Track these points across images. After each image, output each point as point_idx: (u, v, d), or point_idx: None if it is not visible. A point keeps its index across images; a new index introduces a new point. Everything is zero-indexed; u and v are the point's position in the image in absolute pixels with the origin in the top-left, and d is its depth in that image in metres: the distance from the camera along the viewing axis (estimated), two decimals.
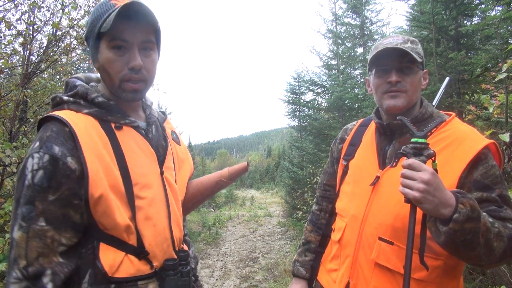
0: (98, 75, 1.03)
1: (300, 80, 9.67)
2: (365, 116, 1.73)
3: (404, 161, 0.92)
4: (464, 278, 2.57)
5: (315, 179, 7.20)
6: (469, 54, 3.23)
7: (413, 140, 0.94)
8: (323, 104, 8.66)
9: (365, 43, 7.68)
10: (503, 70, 2.14)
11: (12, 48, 3.60)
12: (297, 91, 9.86)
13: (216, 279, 5.13)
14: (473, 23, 3.40)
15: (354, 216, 1.16)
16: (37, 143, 0.81)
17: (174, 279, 0.92)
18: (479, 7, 3.21)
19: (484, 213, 0.92)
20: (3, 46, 3.53)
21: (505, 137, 2.00)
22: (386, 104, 1.13)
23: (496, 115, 2.47)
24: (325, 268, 1.29)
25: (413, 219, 0.92)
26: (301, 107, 9.74)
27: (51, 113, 0.86)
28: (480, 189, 0.98)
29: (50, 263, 0.77)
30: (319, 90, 8.45)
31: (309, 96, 9.91)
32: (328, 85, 7.97)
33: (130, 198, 0.88)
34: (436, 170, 0.90)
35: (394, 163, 1.03)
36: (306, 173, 7.79)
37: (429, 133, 0.95)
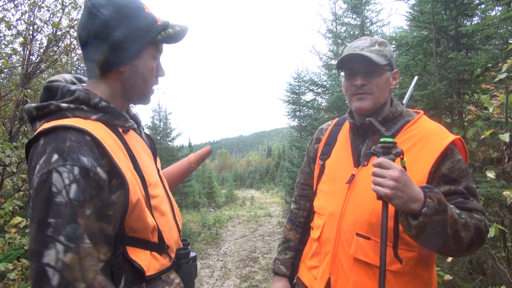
0: (70, 76, 0.99)
1: (300, 80, 9.68)
2: None
3: (375, 160, 0.97)
4: (464, 278, 2.57)
5: None
6: (469, 54, 3.23)
7: (381, 140, 1.00)
8: (323, 104, 8.66)
9: None
10: (503, 70, 2.14)
11: (12, 48, 3.60)
12: (297, 91, 9.87)
13: (216, 279, 5.13)
14: (473, 23, 3.40)
15: (331, 213, 1.20)
16: (56, 156, 0.73)
17: (188, 266, 1.00)
18: (479, 7, 3.21)
19: (451, 206, 0.97)
20: (3, 46, 3.53)
21: (505, 137, 2.00)
22: (354, 106, 1.19)
23: (496, 115, 2.47)
24: (305, 265, 1.33)
25: (385, 215, 0.97)
26: (301, 107, 9.74)
27: (60, 123, 0.79)
28: (448, 183, 1.04)
29: (100, 283, 0.72)
30: (319, 90, 8.45)
31: (309, 96, 9.94)
32: (328, 85, 7.97)
33: (147, 199, 0.90)
34: (404, 167, 0.96)
35: (366, 162, 1.08)
36: None
37: (397, 132, 1.02)
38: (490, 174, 2.10)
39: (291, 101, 9.81)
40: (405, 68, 3.22)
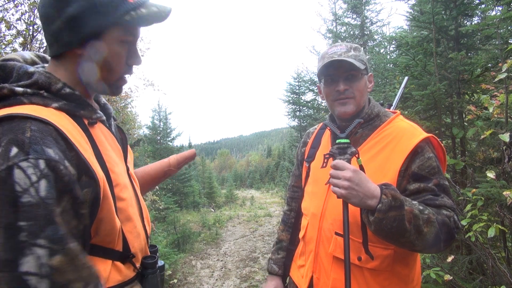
0: (31, 54, 0.87)
1: (300, 80, 9.67)
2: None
3: (332, 162, 1.02)
4: (464, 278, 2.57)
5: None
6: (469, 54, 3.22)
7: (337, 141, 1.05)
8: (323, 104, 8.66)
9: (365, 43, 7.68)
10: (503, 70, 2.14)
11: (12, 48, 3.60)
12: (297, 91, 9.87)
13: (216, 279, 5.13)
14: (473, 23, 3.40)
15: (314, 214, 1.25)
16: (15, 149, 0.62)
17: (155, 276, 0.90)
18: (479, 7, 3.21)
19: (414, 202, 1.00)
20: (3, 46, 3.53)
21: (505, 137, 2.00)
22: (337, 111, 1.21)
23: (496, 115, 2.47)
24: (296, 264, 1.37)
25: (346, 213, 1.02)
26: (301, 107, 9.73)
27: (15, 111, 0.68)
28: (418, 180, 1.07)
29: (97, 276, 0.68)
30: None
31: (309, 96, 9.93)
32: None
33: (113, 201, 0.79)
34: (361, 166, 1.02)
35: (324, 164, 1.11)
36: None
37: (350, 133, 1.06)
38: (490, 174, 2.10)
39: (291, 101, 9.81)
40: (405, 68, 3.22)
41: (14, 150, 0.62)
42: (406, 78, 1.46)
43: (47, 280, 0.59)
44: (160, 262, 0.96)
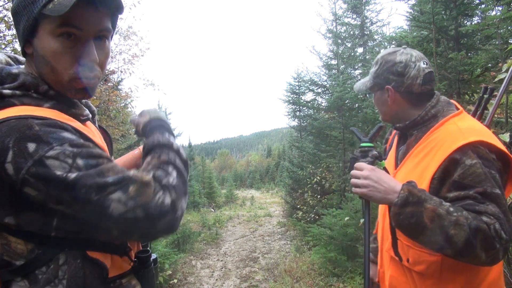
0: (3, 55, 0.82)
1: (300, 80, 9.67)
2: (365, 116, 1.79)
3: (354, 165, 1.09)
4: None
5: (315, 179, 7.20)
6: (469, 54, 3.22)
7: (361, 145, 1.12)
8: (323, 104, 8.66)
9: (365, 43, 7.68)
10: (503, 70, 2.14)
11: (12, 48, 3.60)
12: (297, 91, 9.86)
13: (216, 279, 5.13)
14: (473, 23, 3.40)
15: (380, 213, 1.34)
16: (32, 144, 0.60)
17: (150, 270, 0.89)
18: (479, 7, 3.21)
19: (445, 203, 0.95)
20: (3, 46, 3.53)
21: (505, 137, 2.00)
22: None
23: (496, 115, 2.47)
24: None
25: (367, 212, 1.10)
26: (301, 107, 9.74)
27: (11, 114, 0.65)
28: (458, 189, 1.00)
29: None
30: (319, 90, 8.45)
31: (309, 96, 9.93)
32: (328, 85, 7.97)
33: None
34: (385, 168, 1.08)
35: (346, 169, 1.15)
36: (306, 173, 7.78)
37: (373, 137, 1.13)
38: None
39: (291, 101, 9.81)
40: None
41: (32, 146, 0.60)
42: None
43: (141, 208, 0.65)
44: (153, 255, 0.95)
